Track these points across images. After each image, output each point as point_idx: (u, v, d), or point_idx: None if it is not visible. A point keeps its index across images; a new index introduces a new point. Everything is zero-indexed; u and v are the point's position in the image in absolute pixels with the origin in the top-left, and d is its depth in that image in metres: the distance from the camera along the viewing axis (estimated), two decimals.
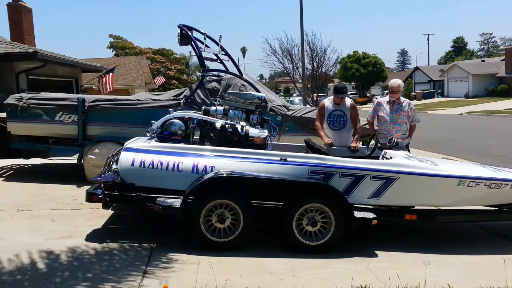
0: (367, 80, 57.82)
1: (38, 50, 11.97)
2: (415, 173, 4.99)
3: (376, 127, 6.84)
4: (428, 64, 73.94)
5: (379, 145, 5.87)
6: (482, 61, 56.14)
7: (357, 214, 4.76)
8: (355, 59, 57.26)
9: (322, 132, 6.38)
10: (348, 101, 6.49)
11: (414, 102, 46.23)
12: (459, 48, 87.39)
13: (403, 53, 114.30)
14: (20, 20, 16.12)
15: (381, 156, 5.58)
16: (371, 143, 6.10)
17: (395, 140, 5.86)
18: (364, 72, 56.11)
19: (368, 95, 60.85)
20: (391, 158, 5.35)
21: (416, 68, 64.52)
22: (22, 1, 16.20)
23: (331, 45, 42.06)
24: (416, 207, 5.26)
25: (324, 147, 6.04)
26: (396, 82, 6.58)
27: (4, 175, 8.24)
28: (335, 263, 4.46)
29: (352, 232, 4.76)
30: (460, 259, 4.75)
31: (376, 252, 4.80)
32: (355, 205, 4.93)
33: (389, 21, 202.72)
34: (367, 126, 7.93)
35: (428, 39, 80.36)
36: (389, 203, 5.15)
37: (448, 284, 3.86)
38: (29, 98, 7.73)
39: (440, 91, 54.70)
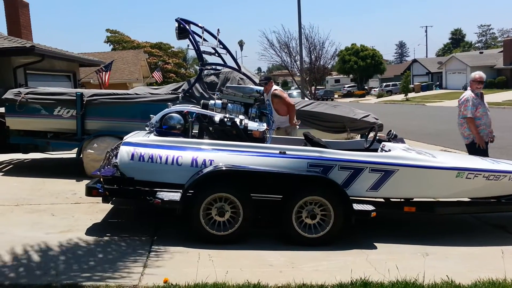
0: (366, 72, 57.81)
1: (35, 45, 11.94)
2: (414, 165, 5.00)
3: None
4: (426, 56, 73.96)
5: (377, 137, 5.88)
6: (480, 53, 56.17)
7: (356, 206, 4.78)
8: (353, 51, 57.21)
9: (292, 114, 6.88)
10: (272, 90, 6.85)
11: (412, 94, 46.33)
12: (457, 40, 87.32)
13: (401, 46, 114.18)
14: (17, 14, 16.05)
15: (379, 149, 5.59)
16: (369, 135, 6.11)
17: (394, 132, 5.87)
18: (362, 65, 56.07)
19: (366, 87, 60.89)
20: (389, 150, 5.36)
21: (414, 61, 64.55)
22: None
23: (329, 38, 42.02)
24: (415, 199, 5.28)
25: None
26: (481, 73, 6.58)
27: (3, 170, 8.24)
28: (334, 256, 4.48)
29: (351, 224, 4.77)
30: (459, 250, 4.77)
31: (375, 244, 4.83)
32: (354, 198, 4.94)
33: (387, 14, 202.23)
34: (366, 119, 7.98)
35: (426, 31, 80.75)
36: (388, 196, 5.17)
37: (447, 276, 3.88)
38: (28, 93, 7.73)
39: (438, 83, 54.74)
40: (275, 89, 6.89)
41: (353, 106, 9.45)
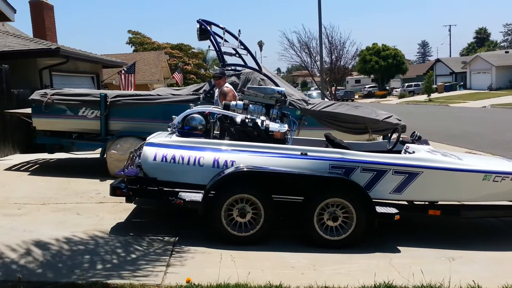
0: (387, 72, 57.04)
1: (60, 47, 12.15)
2: (439, 167, 4.92)
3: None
4: (450, 56, 72.58)
5: (401, 139, 5.80)
6: (506, 52, 54.68)
7: (379, 209, 4.73)
8: (375, 51, 56.54)
9: None
10: (223, 87, 6.91)
11: (435, 95, 45.56)
12: (481, 39, 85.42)
13: (424, 45, 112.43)
14: (42, 17, 16.41)
15: (403, 151, 5.51)
16: (392, 137, 6.03)
17: (418, 133, 5.78)
18: (383, 65, 55.36)
19: (387, 88, 60.10)
20: (413, 152, 5.28)
21: (438, 60, 63.39)
22: None
23: (350, 37, 41.61)
24: (439, 202, 5.19)
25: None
26: None
27: (30, 169, 8.43)
28: (356, 259, 4.44)
29: (374, 227, 4.72)
30: (484, 255, 4.67)
31: (398, 247, 4.76)
32: (377, 200, 4.89)
33: (409, 13, 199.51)
34: (388, 120, 7.88)
35: (449, 30, 79.17)
36: (412, 198, 5.10)
37: (473, 281, 3.81)
38: (53, 94, 7.87)
39: (462, 83, 53.65)
40: (227, 87, 6.90)
41: (374, 107, 9.35)
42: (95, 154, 8.87)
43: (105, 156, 7.83)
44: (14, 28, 17.43)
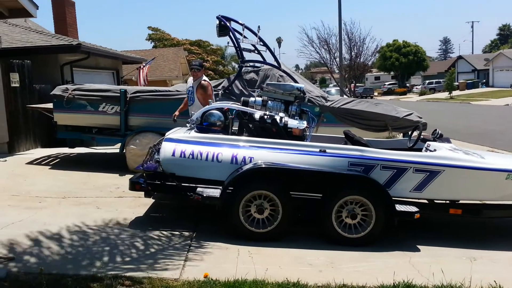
0: (408, 69, 56.24)
1: (81, 43, 12.31)
2: (461, 166, 4.83)
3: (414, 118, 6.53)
4: (472, 53, 71.17)
5: (422, 137, 5.71)
6: None
7: (399, 207, 4.67)
8: (395, 48, 55.77)
9: (181, 106, 7.14)
10: (201, 79, 6.76)
11: (457, 92, 44.77)
12: (505, 36, 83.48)
13: (446, 42, 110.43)
14: (64, 13, 16.66)
15: (424, 148, 5.43)
16: (413, 134, 5.94)
17: (439, 131, 5.68)
18: (404, 62, 54.59)
19: (408, 85, 59.29)
20: (435, 150, 5.19)
21: (460, 57, 62.26)
22: None
23: (370, 33, 41.15)
24: (460, 201, 5.09)
25: None
26: None
27: (51, 163, 8.57)
28: (375, 257, 4.39)
29: (394, 225, 4.66)
30: (507, 255, 4.58)
31: (418, 246, 4.70)
32: (397, 198, 4.83)
33: (431, 8, 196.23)
34: (409, 118, 7.77)
35: (472, 26, 77.08)
36: (433, 197, 5.02)
37: (494, 281, 3.73)
38: (74, 89, 7.98)
39: (484, 81, 52.57)
40: (205, 80, 6.82)
41: (394, 104, 9.22)
42: (115, 149, 8.99)
43: (124, 151, 7.92)
44: (36, 24, 17.71)
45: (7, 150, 9.44)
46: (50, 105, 8.41)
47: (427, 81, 56.30)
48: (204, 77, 6.84)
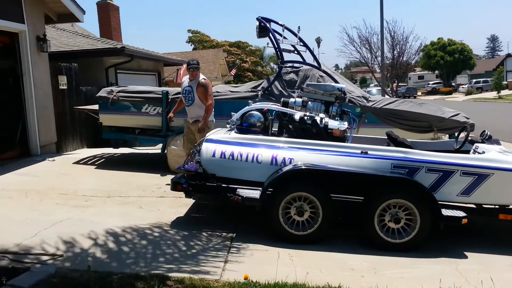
0: (453, 68, 54.32)
1: (125, 46, 12.66)
2: (511, 169, 4.59)
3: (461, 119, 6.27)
4: None
5: (469, 138, 5.48)
6: None
7: (445, 212, 4.50)
8: (440, 46, 54.00)
9: (175, 106, 7.04)
10: (199, 78, 6.62)
11: (506, 91, 42.85)
12: None
13: (494, 39, 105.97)
14: (108, 17, 17.20)
15: (472, 150, 5.21)
16: (460, 136, 5.72)
17: (488, 133, 5.44)
18: (449, 60, 52.75)
19: (453, 84, 57.30)
20: (483, 152, 4.97)
21: (508, 55, 59.54)
22: (110, 0, 17.25)
23: (413, 32, 40.00)
24: (511, 206, 4.85)
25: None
26: None
27: (96, 163, 8.84)
28: (420, 263, 4.25)
29: (440, 231, 4.49)
30: None
31: (465, 253, 4.52)
32: (443, 203, 4.65)
33: (477, 6, 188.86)
34: (455, 118, 7.49)
35: None
36: (481, 202, 4.81)
37: None
38: (119, 91, 8.21)
39: None
40: (204, 79, 6.69)
41: (439, 104, 8.91)
42: (156, 149, 9.16)
43: (165, 151, 8.06)
44: (82, 29, 18.38)
45: (55, 150, 9.83)
46: (95, 107, 8.68)
47: (474, 80, 54.17)
48: (202, 76, 6.78)
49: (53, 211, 5.45)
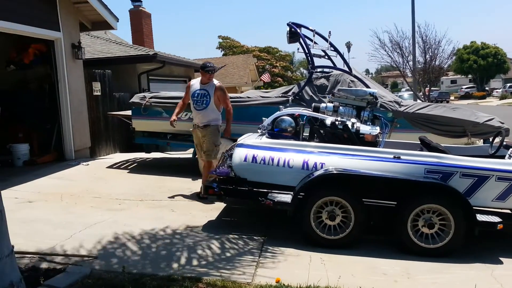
0: (486, 72, 52.93)
1: (157, 52, 12.92)
2: None
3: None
4: None
5: (504, 143, 5.36)
6: None
7: (480, 217, 4.41)
8: (473, 50, 52.75)
9: (176, 110, 6.59)
10: (216, 82, 6.29)
11: None
12: None
13: None
14: (141, 24, 17.62)
15: (507, 156, 5.09)
16: (495, 140, 5.59)
17: None
18: (482, 64, 51.43)
19: (487, 88, 55.76)
20: None
21: None
22: (142, 7, 17.66)
23: (446, 36, 39.23)
24: None
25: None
26: None
27: (129, 167, 9.06)
28: (454, 268, 4.18)
29: (474, 236, 4.41)
30: None
31: (500, 259, 4.41)
32: (478, 208, 4.56)
33: (511, 8, 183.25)
34: (490, 123, 7.32)
35: None
36: None
37: None
38: (151, 97, 8.39)
39: None
40: (219, 82, 6.44)
41: (473, 109, 8.70)
42: (187, 154, 9.31)
43: (196, 156, 8.16)
44: (115, 36, 18.87)
45: (89, 154, 10.13)
46: (128, 112, 8.90)
47: (508, 85, 52.52)
48: (215, 79, 6.53)
49: (87, 214, 5.61)
